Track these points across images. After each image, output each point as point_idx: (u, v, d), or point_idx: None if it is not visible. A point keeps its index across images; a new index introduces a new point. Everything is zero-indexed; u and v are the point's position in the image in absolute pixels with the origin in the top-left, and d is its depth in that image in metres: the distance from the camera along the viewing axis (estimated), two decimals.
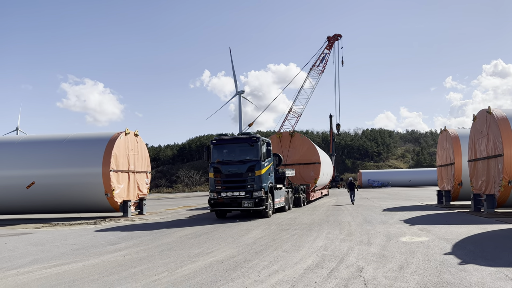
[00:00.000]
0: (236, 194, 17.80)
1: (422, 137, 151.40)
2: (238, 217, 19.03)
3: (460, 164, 22.90)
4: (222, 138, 19.05)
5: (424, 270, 7.31)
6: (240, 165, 18.02)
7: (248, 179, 17.74)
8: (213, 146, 18.85)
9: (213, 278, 7.19)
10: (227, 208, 18.22)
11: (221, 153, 18.68)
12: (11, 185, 22.10)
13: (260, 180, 17.82)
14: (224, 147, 18.76)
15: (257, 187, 17.72)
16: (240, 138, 18.96)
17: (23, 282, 7.37)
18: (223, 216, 19.18)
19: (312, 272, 7.43)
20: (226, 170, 18.12)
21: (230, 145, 18.79)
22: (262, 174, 17.96)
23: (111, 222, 18.95)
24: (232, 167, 18.13)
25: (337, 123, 69.97)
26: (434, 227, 13.52)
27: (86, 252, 10.45)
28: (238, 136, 19.26)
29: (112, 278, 7.43)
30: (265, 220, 17.26)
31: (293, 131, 30.02)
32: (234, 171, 18.05)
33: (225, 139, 18.93)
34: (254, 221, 17.03)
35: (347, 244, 10.44)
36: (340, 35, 63.57)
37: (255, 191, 17.67)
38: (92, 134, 24.00)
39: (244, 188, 17.76)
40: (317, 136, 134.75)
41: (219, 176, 18.13)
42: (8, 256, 10.28)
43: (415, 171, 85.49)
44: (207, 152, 18.95)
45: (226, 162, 18.35)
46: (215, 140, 19.04)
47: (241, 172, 17.90)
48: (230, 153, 18.68)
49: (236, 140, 18.87)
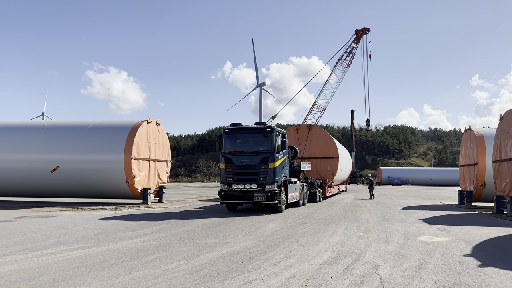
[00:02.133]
0: (248, 186, 17.17)
1: (445, 135, 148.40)
2: (250, 210, 18.53)
3: (484, 165, 22.38)
4: (235, 127, 18.28)
5: (442, 271, 7.22)
6: (253, 156, 17.32)
7: (260, 172, 17.07)
8: (226, 135, 18.12)
9: (229, 268, 7.27)
10: (238, 200, 17.62)
11: (234, 143, 18.00)
12: (37, 168, 22.73)
13: (273, 173, 17.14)
14: (237, 137, 18.09)
15: (270, 180, 17.07)
16: (254, 128, 18.03)
17: (46, 263, 7.62)
18: (233, 209, 18.68)
19: (328, 267, 7.43)
20: (238, 161, 17.46)
21: (243, 135, 18.09)
22: (276, 167, 17.27)
23: (131, 209, 19.32)
24: (244, 158, 17.45)
25: (367, 119, 68.59)
26: (454, 227, 13.30)
27: (106, 237, 10.71)
28: (252, 126, 18.26)
29: (131, 263, 7.60)
30: (280, 214, 17.27)
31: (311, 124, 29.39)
32: (246, 162, 17.38)
33: (238, 129, 18.20)
34: (272, 214, 16.89)
35: (364, 241, 10.38)
36: (368, 29, 62.45)
37: (268, 184, 17.02)
38: (115, 122, 24.40)
39: (256, 180, 17.09)
40: (338, 131, 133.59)
41: (230, 167, 17.47)
42: (32, 238, 10.62)
43: (437, 170, 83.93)
44: (219, 141, 18.21)
45: (238, 152, 17.67)
46: (227, 129, 18.28)
47: (253, 163, 17.22)
48: (243, 143, 18.00)
49: (249, 130, 18.08)
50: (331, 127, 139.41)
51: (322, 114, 64.42)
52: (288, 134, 26.38)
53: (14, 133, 24.04)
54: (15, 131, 24.22)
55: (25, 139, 23.56)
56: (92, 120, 24.39)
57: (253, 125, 18.28)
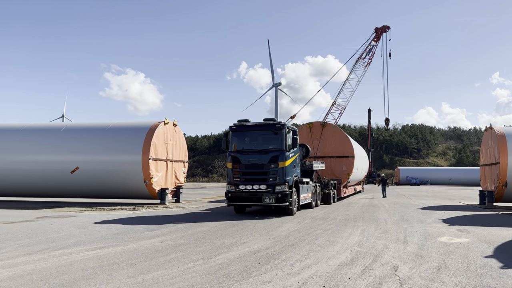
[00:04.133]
0: (257, 187, 16.06)
1: (465, 134, 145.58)
2: (259, 213, 17.59)
3: (506, 164, 21.88)
4: (243, 124, 17.11)
5: (463, 273, 7.09)
6: (262, 155, 16.21)
7: (270, 171, 15.99)
8: (232, 132, 17.01)
9: (246, 268, 7.29)
10: (246, 202, 16.51)
11: (241, 141, 16.88)
12: (57, 169, 23.17)
13: (283, 173, 16.06)
14: (245, 134, 16.93)
15: (280, 180, 15.98)
16: (262, 125, 16.87)
17: (67, 262, 7.76)
18: (242, 211, 17.53)
19: (346, 268, 7.38)
20: (246, 160, 16.38)
21: (251, 132, 16.91)
22: (286, 166, 16.17)
23: (149, 209, 19.53)
24: (252, 157, 16.38)
25: (386, 118, 67.88)
26: (475, 228, 13.04)
27: (125, 237, 10.84)
28: (261, 123, 17.03)
29: (149, 263, 7.68)
30: (295, 215, 17.17)
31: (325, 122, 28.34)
32: (254, 161, 16.31)
33: (246, 126, 17.00)
34: (282, 217, 15.94)
35: (383, 241, 10.27)
36: (388, 27, 61.77)
37: (278, 185, 15.91)
38: (132, 123, 24.71)
39: (266, 181, 16.00)
40: (355, 130, 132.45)
41: (238, 166, 16.41)
42: (53, 237, 10.83)
43: (456, 169, 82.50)
44: (226, 139, 17.10)
45: (246, 151, 16.57)
46: (234, 126, 17.14)
47: (262, 163, 16.13)
48: (251, 141, 16.86)
49: (258, 127, 16.90)
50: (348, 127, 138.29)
51: (341, 113, 64.02)
52: (300, 132, 25.68)
53: (35, 134, 24.55)
54: (36, 132, 24.73)
55: (46, 140, 24.04)
56: (110, 122, 24.75)
57: (262, 121, 17.16)
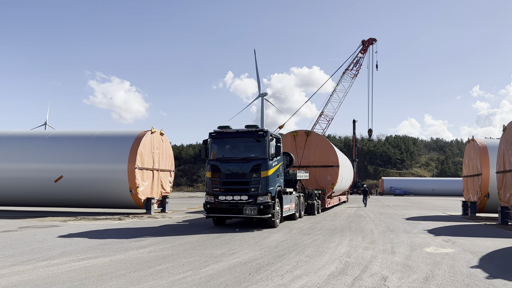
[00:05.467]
0: (237, 198, 15.22)
1: (447, 145, 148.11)
2: (239, 225, 16.67)
3: (488, 175, 22.34)
4: (224, 131, 16.23)
5: (450, 283, 7.20)
6: (243, 163, 15.40)
7: (252, 181, 15.15)
8: (212, 139, 16.16)
9: (236, 279, 7.26)
10: (226, 214, 15.60)
11: (221, 149, 16.07)
12: (41, 178, 22.78)
13: (266, 183, 15.22)
14: (225, 142, 16.12)
15: (263, 191, 15.14)
16: (244, 132, 16.01)
17: (54, 273, 7.62)
18: (221, 223, 16.65)
19: (336, 278, 7.42)
20: (226, 169, 15.56)
21: (232, 139, 16.09)
22: (269, 176, 15.36)
23: (134, 219, 19.30)
24: (233, 166, 15.57)
25: (370, 129, 69.32)
26: (460, 238, 13.26)
27: (112, 247, 10.70)
28: (242, 129, 16.15)
29: (138, 274, 7.59)
30: (283, 225, 17.18)
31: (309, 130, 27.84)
32: (235, 170, 15.52)
33: (227, 132, 16.15)
34: (265, 229, 15.04)
35: (370, 252, 10.36)
36: (375, 39, 63.03)
37: (260, 195, 15.08)
38: (119, 132, 24.50)
39: (247, 191, 15.14)
40: (339, 140, 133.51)
41: (217, 176, 15.55)
42: (38, 248, 10.62)
43: (439, 180, 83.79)
44: (205, 146, 16.22)
45: (226, 159, 15.74)
46: (214, 132, 16.25)
47: (244, 172, 15.31)
48: (232, 149, 16.05)
49: (239, 134, 16.05)
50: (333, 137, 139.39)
51: (329, 123, 64.86)
52: (284, 140, 25.23)
53: (19, 142, 24.13)
54: (20, 140, 24.32)
55: (29, 148, 23.66)
56: (96, 130, 24.50)
57: (243, 128, 16.27)
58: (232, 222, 17.76)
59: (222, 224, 16.63)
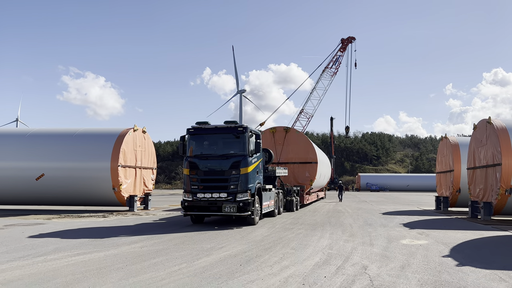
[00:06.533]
0: (216, 196, 15.01)
1: (421, 142, 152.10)
2: (218, 223, 16.47)
3: (459, 172, 23.51)
4: (202, 126, 16.02)
5: (424, 270, 7.91)
6: (222, 160, 15.20)
7: (231, 178, 14.98)
8: (190, 135, 15.92)
9: (229, 270, 7.78)
10: (205, 212, 15.42)
11: (200, 145, 15.88)
12: (21, 176, 22.67)
13: (246, 180, 15.10)
14: (204, 138, 15.95)
15: (242, 188, 15.00)
16: (223, 128, 15.77)
17: (54, 267, 7.96)
18: (200, 221, 16.36)
19: (321, 268, 8.02)
20: (205, 166, 15.30)
21: (211, 135, 15.93)
22: (249, 173, 15.23)
23: (118, 216, 19.53)
24: (212, 163, 15.34)
25: (347, 126, 70.43)
26: (433, 231, 14.13)
27: (103, 243, 11.04)
28: (221, 125, 15.91)
29: (136, 267, 8.02)
30: (263, 221, 17.76)
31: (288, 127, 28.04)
32: (214, 167, 15.29)
33: (205, 128, 15.95)
34: (244, 226, 15.03)
35: (351, 244, 11.03)
36: (354, 38, 64.09)
37: (240, 193, 14.94)
38: (101, 130, 24.56)
39: (226, 188, 14.98)
40: (317, 137, 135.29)
41: (195, 173, 15.28)
42: (30, 244, 10.86)
43: (414, 176, 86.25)
44: (183, 142, 15.96)
45: (205, 156, 15.52)
46: (192, 128, 16.03)
47: (223, 169, 15.11)
48: (210, 145, 15.89)
49: (218, 130, 15.84)
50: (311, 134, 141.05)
51: (309, 121, 65.80)
52: (263, 137, 24.98)
53: None
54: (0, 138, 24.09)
55: (9, 145, 23.48)
56: (78, 128, 24.49)
57: (222, 124, 16.02)
58: (210, 220, 17.49)
59: (201, 222, 16.39)
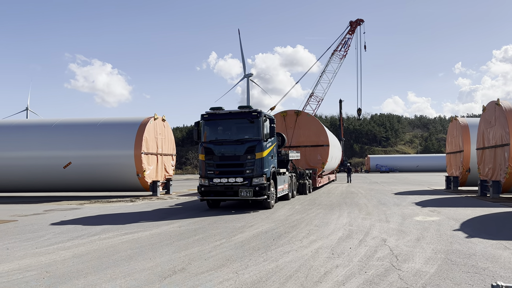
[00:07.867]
0: (232, 180, 15.18)
1: (430, 122, 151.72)
2: (234, 207, 16.70)
3: (469, 152, 24.33)
4: (216, 112, 16.05)
5: (437, 241, 8.90)
6: (238, 145, 15.33)
7: (246, 163, 15.14)
8: (205, 121, 15.98)
9: (264, 244, 8.84)
10: (221, 197, 15.68)
11: (215, 131, 15.95)
12: (50, 164, 23.95)
13: (261, 164, 15.25)
14: (218, 123, 16.01)
15: (258, 172, 15.17)
16: (237, 113, 15.84)
17: (111, 244, 9.09)
18: (216, 206, 16.53)
19: (345, 241, 9.05)
20: (220, 152, 15.45)
21: (225, 120, 15.96)
22: (264, 157, 15.36)
23: (145, 200, 20.73)
24: (227, 148, 15.46)
25: (359, 108, 70.96)
26: (444, 209, 15.08)
27: (144, 224, 12.17)
28: (236, 110, 15.94)
29: (182, 242, 9.11)
30: (283, 203, 18.80)
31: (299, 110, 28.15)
32: (229, 152, 15.42)
33: (219, 114, 15.97)
34: (260, 210, 15.14)
35: (368, 221, 12.04)
36: (362, 20, 64.04)
37: (255, 177, 15.12)
38: (123, 119, 25.66)
39: (242, 173, 15.14)
40: (326, 120, 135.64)
41: (211, 158, 15.45)
42: (78, 226, 12.01)
43: (423, 156, 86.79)
44: (197, 129, 16.06)
45: (220, 141, 15.66)
46: (206, 114, 16.07)
47: (238, 154, 15.25)
48: (225, 130, 15.98)
49: (232, 115, 15.90)
50: (319, 117, 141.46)
51: (319, 104, 66.40)
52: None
53: (26, 131, 25.16)
54: (27, 129, 25.35)
55: (38, 136, 24.71)
56: (101, 117, 25.62)
57: (236, 109, 16.08)
58: (225, 204, 17.79)
59: (217, 207, 16.64)
